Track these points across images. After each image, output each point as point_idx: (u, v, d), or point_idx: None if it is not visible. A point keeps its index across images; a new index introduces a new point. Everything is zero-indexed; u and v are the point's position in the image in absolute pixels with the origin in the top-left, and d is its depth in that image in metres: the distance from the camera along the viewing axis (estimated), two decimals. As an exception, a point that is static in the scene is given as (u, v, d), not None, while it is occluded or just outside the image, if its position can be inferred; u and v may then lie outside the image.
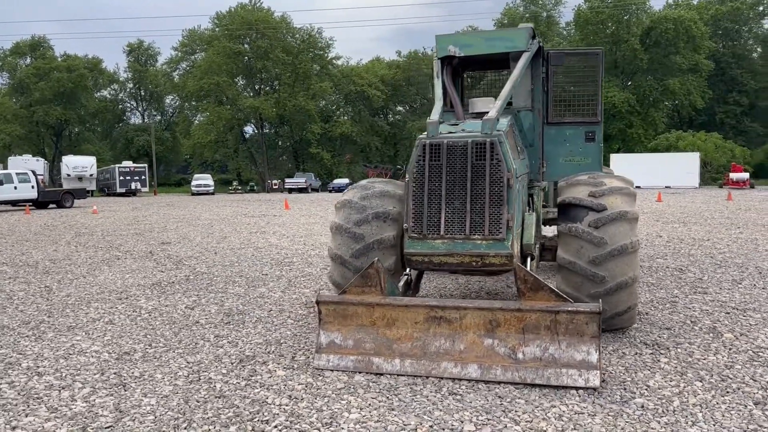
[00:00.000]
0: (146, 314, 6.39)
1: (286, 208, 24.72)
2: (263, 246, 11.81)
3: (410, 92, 70.01)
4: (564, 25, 68.73)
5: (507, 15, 66.10)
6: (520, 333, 4.30)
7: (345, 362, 4.53)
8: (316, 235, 13.78)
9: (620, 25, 60.03)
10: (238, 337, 5.49)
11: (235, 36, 64.32)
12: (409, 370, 4.38)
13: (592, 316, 4.13)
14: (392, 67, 69.01)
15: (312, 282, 7.97)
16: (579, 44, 62.02)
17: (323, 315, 4.66)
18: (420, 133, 5.05)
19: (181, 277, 8.54)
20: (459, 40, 6.13)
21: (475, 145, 4.70)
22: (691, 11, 61.56)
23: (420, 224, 4.79)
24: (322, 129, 64.15)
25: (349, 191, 5.97)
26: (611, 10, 60.51)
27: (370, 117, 68.29)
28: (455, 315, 4.40)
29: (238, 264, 9.58)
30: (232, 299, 7.03)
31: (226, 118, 62.61)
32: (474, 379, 4.24)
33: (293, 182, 50.45)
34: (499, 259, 4.64)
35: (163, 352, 5.08)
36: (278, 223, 17.20)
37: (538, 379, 4.13)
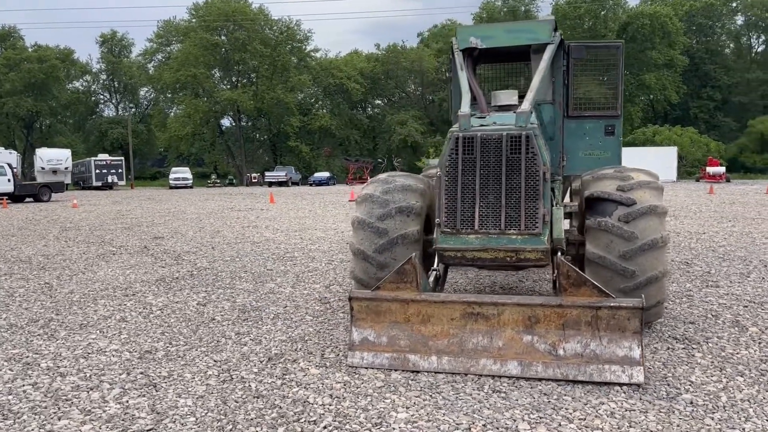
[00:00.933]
0: (158, 311, 6.23)
1: (272, 201, 24.48)
2: (260, 240, 11.64)
3: (389, 86, 69.84)
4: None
5: (485, 9, 66.36)
6: (560, 329, 4.25)
7: (380, 360, 4.44)
8: (310, 229, 13.64)
9: (597, 21, 60.70)
10: (259, 334, 5.37)
11: (212, 27, 63.50)
12: (447, 367, 4.31)
13: (635, 312, 4.10)
14: (371, 60, 68.74)
15: (320, 277, 7.86)
16: (557, 39, 62.40)
17: (355, 311, 4.57)
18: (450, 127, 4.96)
19: (184, 272, 8.35)
20: (480, 31, 6.06)
21: (510, 138, 4.64)
22: (667, 7, 62.35)
23: (453, 219, 4.71)
24: (300, 122, 63.71)
25: (369, 185, 5.86)
26: (589, 5, 61.08)
27: (349, 110, 68.00)
28: (493, 311, 4.34)
29: (239, 259, 9.42)
30: (243, 295, 6.90)
31: (203, 111, 61.85)
32: (514, 376, 4.19)
33: (273, 176, 50.00)
34: (535, 254, 4.59)
35: (185, 351, 4.94)
36: (268, 218, 17.01)
37: (581, 375, 4.09)
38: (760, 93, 69.10)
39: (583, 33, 60.04)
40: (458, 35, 6.08)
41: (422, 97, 70.67)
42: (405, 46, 70.11)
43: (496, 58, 7.01)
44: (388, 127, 64.21)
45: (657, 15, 58.90)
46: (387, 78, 68.94)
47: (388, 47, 69.07)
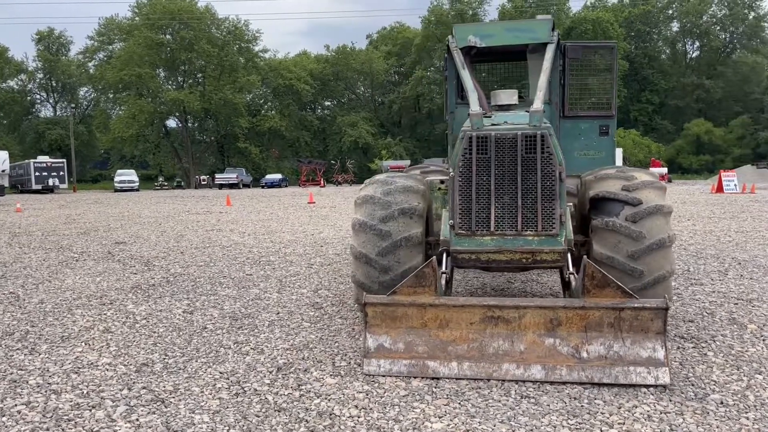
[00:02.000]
0: (143, 321, 5.90)
1: (228, 204, 23.92)
2: (229, 244, 11.29)
3: (339, 87, 69.60)
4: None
5: (433, 13, 66.85)
6: (582, 331, 4.20)
7: (398, 367, 4.29)
8: (278, 232, 13.34)
9: (543, 25, 61.94)
10: (259, 342, 5.14)
11: (157, 26, 61.86)
12: (468, 373, 4.20)
13: (658, 312, 4.08)
14: (320, 61, 68.32)
15: (304, 281, 7.64)
16: (504, 42, 63.42)
17: (370, 317, 4.41)
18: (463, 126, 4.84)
19: (159, 279, 7.99)
20: (479, 30, 6.00)
21: (524, 137, 4.56)
22: (608, 13, 64.24)
23: (468, 220, 4.61)
24: (249, 123, 62.75)
25: (368, 186, 5.69)
26: (534, 9, 62.26)
27: (299, 111, 67.38)
28: (514, 314, 4.26)
29: (213, 264, 9.08)
30: (229, 302, 6.62)
31: (148, 112, 60.15)
32: (538, 380, 4.11)
33: (224, 178, 48.98)
34: (552, 255, 4.53)
35: (185, 362, 4.67)
36: (230, 221, 16.57)
37: (606, 378, 4.04)
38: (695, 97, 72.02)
39: (530, 37, 61.15)
40: (456, 34, 5.99)
41: (372, 99, 70.66)
42: (354, 47, 69.96)
43: (492, 57, 6.96)
44: (339, 129, 63.93)
45: (599, 21, 60.63)
46: (337, 79, 68.66)
47: (338, 48, 68.80)
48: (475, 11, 67.88)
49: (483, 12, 68.89)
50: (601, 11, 64.82)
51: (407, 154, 60.98)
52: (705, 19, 72.43)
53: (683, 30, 74.39)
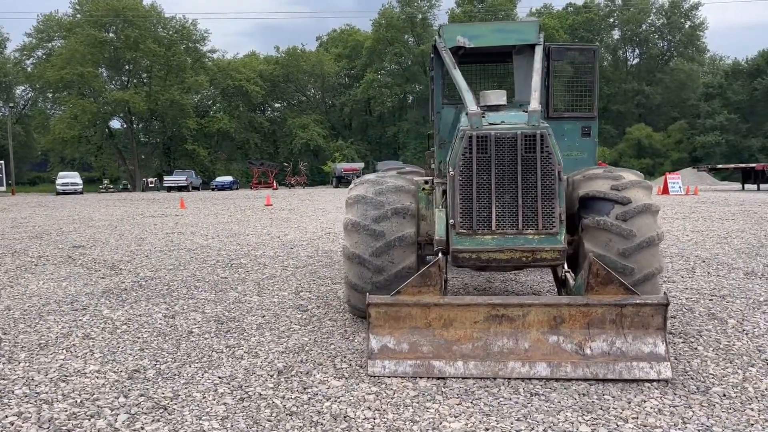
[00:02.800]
0: (123, 326, 5.68)
1: (182, 207, 23.37)
2: (194, 247, 11.01)
3: (289, 89, 68.99)
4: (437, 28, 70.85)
5: (384, 16, 67.07)
6: (585, 328, 4.26)
7: (403, 368, 4.26)
8: (242, 235, 13.09)
9: (491, 30, 62.91)
10: (252, 346, 5.02)
11: (100, 23, 60.00)
12: (474, 372, 4.20)
13: (659, 308, 4.18)
14: (270, 62, 67.57)
15: (283, 284, 7.51)
16: (454, 47, 64.19)
17: (373, 318, 4.36)
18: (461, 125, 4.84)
19: (130, 283, 7.72)
20: (467, 30, 6.02)
21: (524, 137, 4.60)
22: (554, 20, 65.78)
23: (469, 219, 4.61)
24: (197, 124, 61.52)
25: (358, 186, 5.64)
26: (483, 14, 63.28)
27: (249, 113, 66.47)
28: (518, 312, 4.28)
29: (184, 267, 8.84)
30: (209, 306, 6.45)
31: (91, 112, 58.23)
32: (544, 377, 4.15)
33: (173, 180, 47.77)
34: (552, 254, 4.58)
35: (179, 368, 4.52)
36: (188, 224, 16.18)
37: (610, 373, 4.11)
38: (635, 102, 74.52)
39: (479, 42, 62.05)
40: (445, 34, 6.00)
41: (323, 102, 70.36)
42: (304, 49, 69.51)
43: (477, 58, 6.99)
44: (290, 131, 63.35)
45: (545, 27, 61.89)
46: (287, 81, 68.05)
47: (288, 50, 68.20)
48: (425, 15, 68.44)
49: (433, 16, 69.56)
50: (547, 18, 66.34)
51: (359, 157, 60.94)
52: (644, 27, 75.00)
53: (624, 38, 76.85)
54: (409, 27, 66.99)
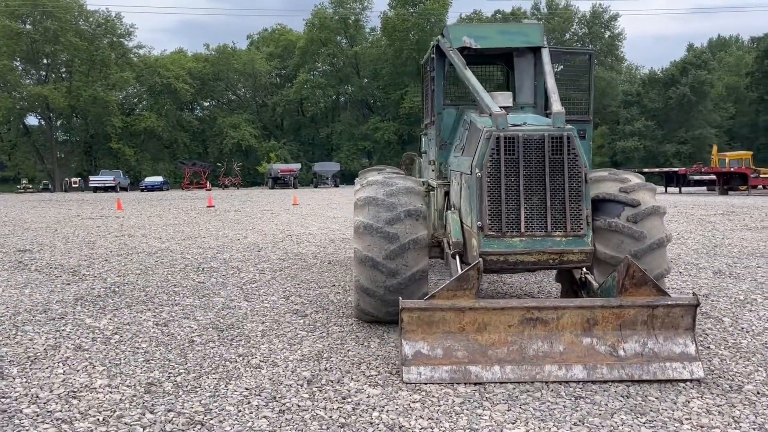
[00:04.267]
0: (115, 336, 5.32)
1: (120, 208, 22.32)
2: (153, 251, 10.50)
3: (219, 87, 67.35)
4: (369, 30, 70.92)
5: (317, 16, 66.57)
6: (617, 330, 4.29)
7: (439, 374, 4.16)
8: (198, 237, 12.60)
9: (424, 34, 63.50)
10: (265, 354, 4.79)
11: (16, 14, 56.67)
12: (512, 376, 4.15)
13: (688, 309, 4.25)
14: (200, 60, 65.75)
15: (267, 288, 7.25)
16: (387, 49, 64.59)
17: (405, 323, 4.24)
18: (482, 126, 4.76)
19: (102, 289, 7.25)
20: (473, 31, 5.99)
21: (551, 138, 4.59)
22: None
23: (498, 222, 4.55)
24: (123, 122, 59.09)
25: (367, 187, 5.49)
26: (416, 18, 63.82)
27: (177, 111, 64.44)
28: (552, 315, 4.26)
29: (152, 272, 8.40)
30: (199, 312, 6.14)
31: (5, 107, 54.91)
32: (581, 380, 4.15)
33: (99, 180, 45.43)
34: (579, 256, 4.58)
35: (196, 379, 4.25)
36: (133, 225, 15.45)
37: (645, 374, 4.15)
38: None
39: (412, 45, 62.59)
40: (451, 34, 5.94)
41: (254, 101, 69.10)
42: (235, 47, 68.05)
43: (478, 60, 6.96)
44: (220, 130, 61.82)
45: (478, 33, 63.13)
46: (217, 79, 66.40)
47: (218, 48, 66.59)
48: (357, 17, 68.41)
49: (365, 18, 69.64)
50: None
51: (291, 158, 60.20)
52: (568, 36, 77.67)
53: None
54: (342, 28, 66.80)
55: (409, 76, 62.84)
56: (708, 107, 68.44)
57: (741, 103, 70.01)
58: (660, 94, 69.82)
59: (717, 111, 69.54)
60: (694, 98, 66.60)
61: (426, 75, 6.72)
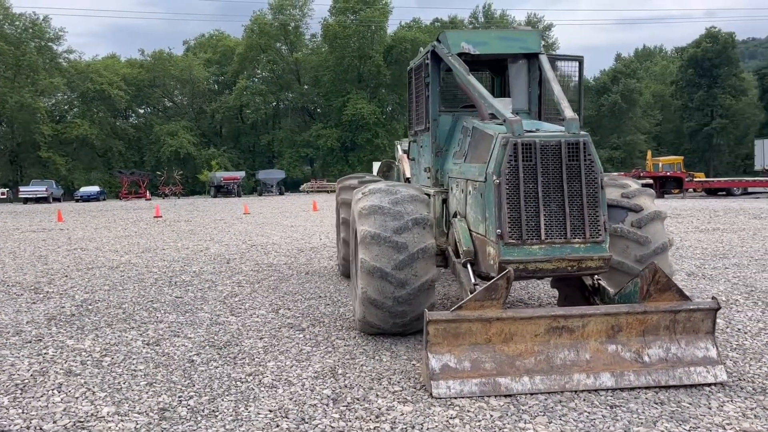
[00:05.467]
0: (105, 358, 4.96)
1: (60, 220, 21.24)
2: (115, 265, 9.98)
3: (155, 94, 65.45)
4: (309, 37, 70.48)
5: (256, 22, 65.69)
6: (640, 335, 4.28)
7: (468, 387, 4.04)
8: (157, 249, 12.08)
9: (365, 42, 63.66)
10: (276, 373, 4.56)
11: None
12: (541, 386, 4.08)
13: (709, 313, 4.29)
14: (134, 66, 63.73)
15: (252, 302, 6.97)
16: (328, 56, 64.37)
17: (431, 336, 4.10)
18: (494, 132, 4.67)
19: (72, 307, 6.80)
20: (471, 37, 5.91)
21: (567, 144, 4.55)
22: (424, 34, 67.76)
23: (518, 229, 4.48)
24: (53, 130, 56.53)
25: (369, 196, 5.33)
26: (357, 26, 63.88)
27: (111, 119, 62.20)
28: (578, 323, 4.22)
29: (121, 288, 7.95)
30: (188, 329, 5.82)
31: None
32: (609, 387, 4.11)
33: (30, 191, 43.01)
34: (597, 263, 4.56)
35: (211, 403, 4.00)
36: (82, 238, 14.70)
37: (671, 380, 4.15)
38: (499, 115, 78.55)
39: (353, 53, 62.60)
40: (449, 39, 5.85)
41: (192, 108, 67.47)
42: (172, 53, 66.32)
43: (473, 66, 6.87)
44: (157, 138, 60.00)
45: (416, 41, 63.63)
46: (153, 86, 64.52)
47: (154, 53, 64.73)
48: (297, 23, 67.91)
49: (305, 25, 69.18)
50: (417, 32, 68.21)
51: (232, 166, 59.07)
52: (504, 45, 79.44)
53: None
54: (282, 35, 66.13)
55: (350, 83, 62.84)
56: (638, 114, 71.29)
57: (667, 110, 73.19)
58: (593, 102, 72.18)
59: (645, 118, 72.52)
60: (624, 105, 69.26)
61: (417, 81, 6.60)
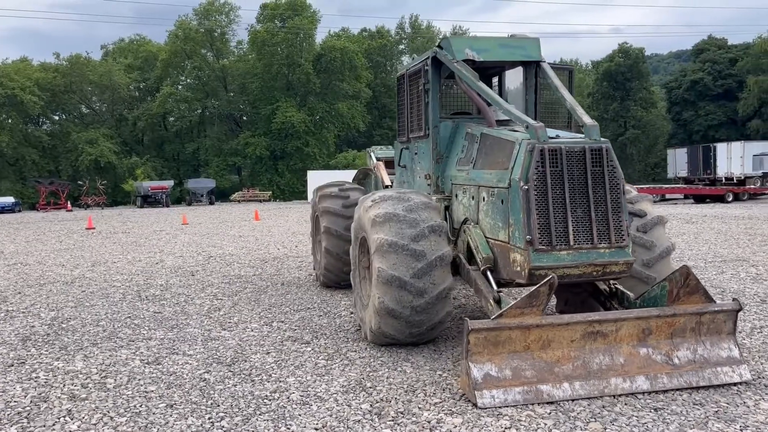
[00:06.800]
0: (107, 379, 4.61)
1: (-19, 233, 19.81)
2: (71, 280, 9.36)
3: (72, 100, 62.33)
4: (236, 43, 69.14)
5: (181, 27, 63.88)
6: (669, 338, 4.36)
7: (512, 396, 3.99)
8: (108, 263, 11.41)
9: (294, 49, 63.06)
10: (301, 388, 4.36)
11: None
12: (581, 392, 4.08)
13: (731, 314, 4.42)
14: (49, 70, 60.48)
15: (240, 315, 6.68)
16: (256, 64, 63.42)
17: (472, 345, 4.03)
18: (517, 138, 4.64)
19: (44, 326, 6.31)
20: (474, 44, 5.89)
21: (591, 150, 4.60)
22: (353, 44, 67.98)
23: (548, 235, 4.47)
24: (-43, 138, 52.77)
25: (381, 203, 5.21)
26: (285, 33, 63.25)
27: (24, 125, 58.76)
28: (612, 328, 4.26)
29: (88, 304, 7.45)
30: (183, 346, 5.51)
31: None
32: (644, 391, 4.17)
33: (-66, 202, 39.89)
34: (621, 267, 4.61)
35: (244, 422, 3.78)
36: (15, 252, 13.73)
37: (701, 381, 4.25)
38: (426, 125, 79.58)
39: (282, 60, 61.90)
40: (453, 46, 5.80)
41: (112, 114, 64.72)
42: (89, 57, 63.39)
43: None
44: (75, 146, 57.08)
45: (346, 50, 63.76)
46: (69, 91, 61.41)
47: (71, 58, 61.66)
48: (224, 30, 66.51)
49: (232, 31, 67.81)
50: (346, 41, 68.31)
51: (156, 175, 56.98)
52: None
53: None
54: (208, 41, 64.57)
55: (279, 91, 62.03)
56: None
57: (585, 121, 76.18)
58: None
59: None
60: (546, 116, 71.74)
61: (411, 88, 6.51)
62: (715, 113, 59.55)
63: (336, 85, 63.94)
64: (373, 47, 74.61)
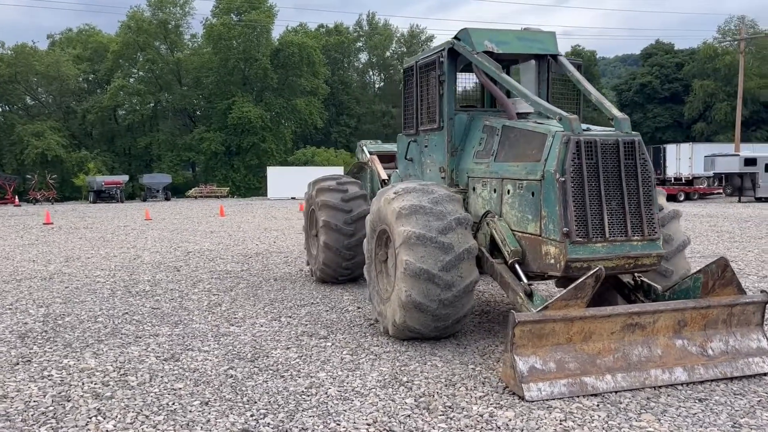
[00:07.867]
0: (127, 377, 4.40)
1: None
2: (49, 276, 8.93)
3: (17, 90, 59.88)
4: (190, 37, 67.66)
5: (133, 18, 62.13)
6: (702, 329, 4.41)
7: (558, 388, 3.97)
8: (83, 258, 10.95)
9: (250, 44, 62.11)
10: (336, 383, 4.25)
11: None
12: (624, 384, 4.09)
13: (759, 306, 4.51)
14: (-9, 59, 57.93)
15: (241, 311, 6.48)
16: (213, 58, 62.22)
17: (517, 338, 3.98)
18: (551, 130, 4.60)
19: (37, 324, 5.99)
20: (493, 36, 5.83)
21: (624, 143, 4.60)
22: (311, 39, 67.41)
23: (585, 227, 4.45)
24: None
25: (405, 195, 5.11)
26: (242, 28, 62.24)
27: (-36, 117, 56.14)
28: (649, 320, 4.28)
29: (79, 300, 7.11)
30: (194, 342, 5.31)
31: None
32: (683, 382, 4.21)
33: None
34: (653, 259, 4.64)
35: (289, 419, 3.66)
36: (-25, 247, 13.07)
37: (735, 371, 4.31)
38: (383, 123, 79.85)
39: (238, 55, 60.91)
40: (472, 37, 5.74)
41: (60, 107, 62.44)
42: (36, 47, 61.00)
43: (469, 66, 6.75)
44: (20, 139, 54.84)
45: (304, 45, 63.15)
46: (13, 82, 58.96)
47: (16, 47, 59.20)
48: (178, 22, 65.01)
49: (187, 24, 66.35)
50: (304, 36, 67.68)
51: (107, 170, 55.26)
52: (388, 54, 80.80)
53: (370, 62, 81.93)
54: (162, 33, 62.98)
55: (235, 86, 61.02)
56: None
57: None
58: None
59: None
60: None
61: (422, 80, 6.40)
62: (662, 116, 61.35)
63: (293, 80, 63.27)
64: (331, 43, 74.24)
